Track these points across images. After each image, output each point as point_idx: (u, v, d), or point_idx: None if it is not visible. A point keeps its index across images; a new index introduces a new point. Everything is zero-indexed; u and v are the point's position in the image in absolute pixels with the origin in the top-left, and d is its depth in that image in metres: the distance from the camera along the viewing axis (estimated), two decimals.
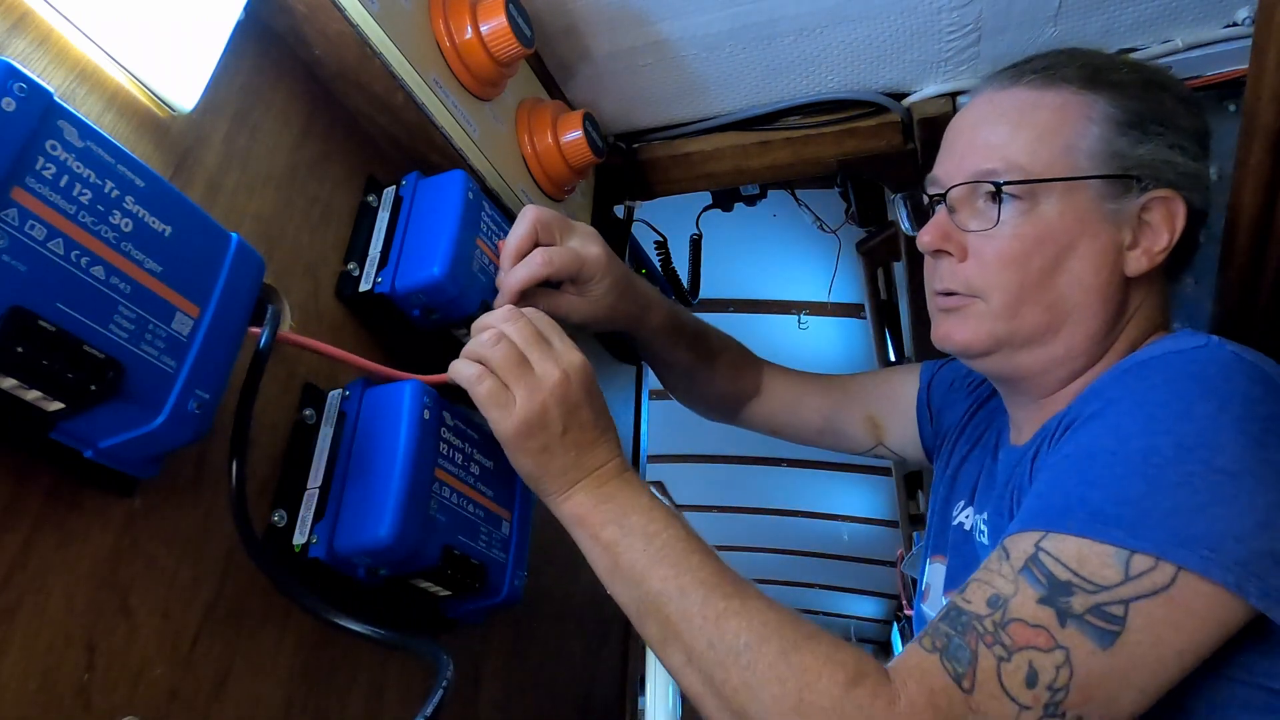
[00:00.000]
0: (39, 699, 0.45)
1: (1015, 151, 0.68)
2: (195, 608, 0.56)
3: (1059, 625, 0.51)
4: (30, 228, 0.42)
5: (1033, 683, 0.50)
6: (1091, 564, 0.52)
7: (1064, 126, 0.68)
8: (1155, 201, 0.68)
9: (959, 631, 0.53)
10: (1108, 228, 0.67)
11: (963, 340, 0.71)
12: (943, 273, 0.72)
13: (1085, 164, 0.67)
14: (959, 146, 0.73)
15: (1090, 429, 0.59)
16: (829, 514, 3.90)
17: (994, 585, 0.54)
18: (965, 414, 0.90)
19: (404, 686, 0.74)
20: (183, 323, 0.49)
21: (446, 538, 0.65)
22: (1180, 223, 0.68)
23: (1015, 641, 0.51)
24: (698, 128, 1.12)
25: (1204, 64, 0.92)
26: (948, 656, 0.52)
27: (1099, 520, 0.53)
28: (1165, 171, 0.68)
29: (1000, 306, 0.68)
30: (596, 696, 1.08)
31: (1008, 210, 0.68)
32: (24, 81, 0.42)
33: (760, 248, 1.82)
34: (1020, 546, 0.55)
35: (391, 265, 0.73)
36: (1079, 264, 0.67)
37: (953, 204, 0.71)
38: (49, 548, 0.47)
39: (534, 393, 0.64)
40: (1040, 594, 0.52)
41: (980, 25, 0.93)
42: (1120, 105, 0.68)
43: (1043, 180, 0.67)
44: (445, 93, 0.77)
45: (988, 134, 0.71)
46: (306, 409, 0.67)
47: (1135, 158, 0.67)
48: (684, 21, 0.97)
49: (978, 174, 0.69)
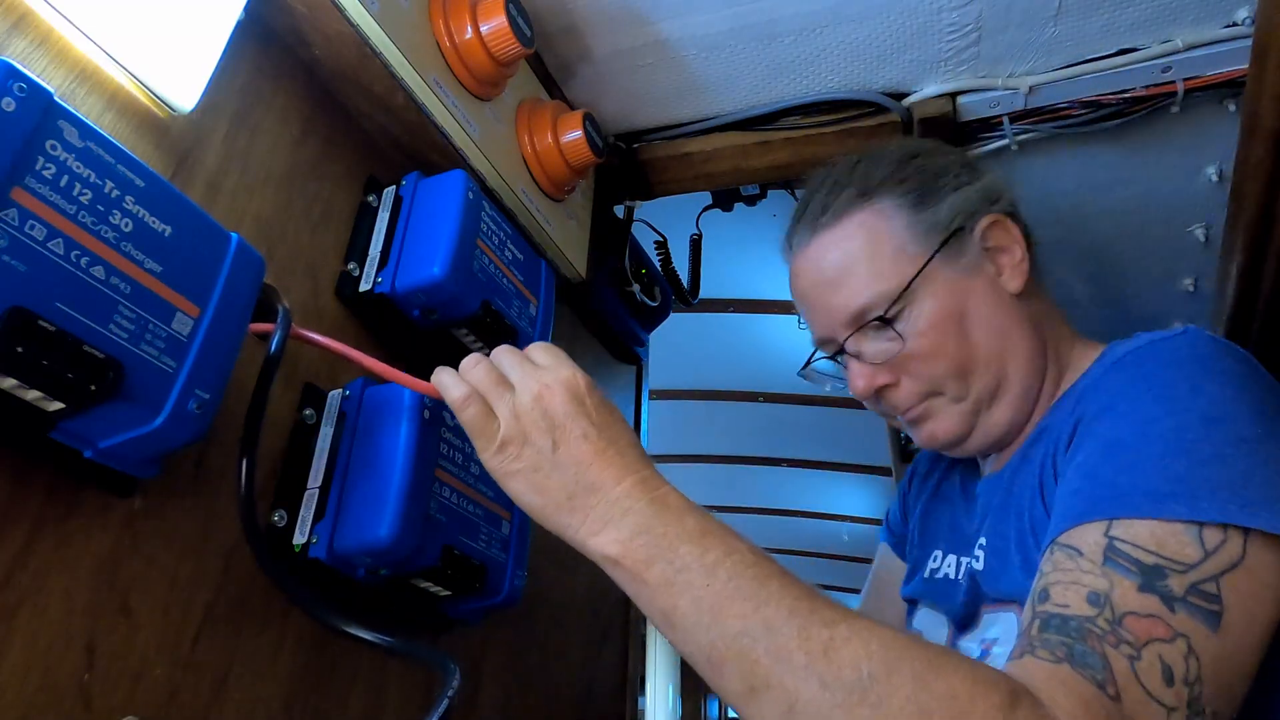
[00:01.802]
0: (39, 699, 0.45)
1: (865, 284, 0.74)
2: (195, 608, 0.56)
3: (1169, 611, 0.49)
4: (30, 228, 0.42)
5: (1170, 679, 0.47)
6: (1170, 544, 0.50)
7: (878, 239, 0.75)
8: (987, 230, 0.75)
9: (1076, 637, 0.49)
10: (973, 278, 0.74)
11: (946, 432, 0.75)
12: (894, 401, 0.76)
13: (917, 252, 0.74)
14: (820, 309, 0.78)
15: (1107, 421, 0.59)
16: (829, 514, 3.90)
17: (1083, 583, 0.51)
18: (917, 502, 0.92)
19: (404, 687, 0.74)
20: (183, 323, 0.49)
21: (446, 538, 0.65)
22: (1016, 230, 0.76)
23: (1137, 637, 0.48)
24: (698, 128, 1.12)
25: (1204, 64, 0.92)
26: (1079, 664, 0.47)
27: (1157, 499, 0.52)
28: (969, 206, 0.76)
29: (955, 390, 0.73)
30: (596, 696, 1.08)
31: (899, 326, 0.73)
32: (24, 81, 0.42)
33: (760, 248, 1.82)
34: (1088, 539, 0.53)
35: (391, 265, 0.73)
36: (979, 317, 0.73)
37: (857, 352, 0.76)
38: (49, 548, 0.47)
39: (512, 410, 0.57)
40: (1137, 582, 0.50)
41: (980, 25, 0.93)
42: (898, 193, 0.76)
43: (904, 290, 0.72)
44: (445, 93, 0.77)
45: (831, 286, 0.76)
46: (306, 409, 0.67)
47: (943, 218, 0.75)
48: (684, 21, 0.96)
49: (853, 319, 0.75)
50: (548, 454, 0.56)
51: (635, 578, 0.53)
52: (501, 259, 0.79)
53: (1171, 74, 0.93)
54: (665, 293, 1.27)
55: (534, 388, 0.58)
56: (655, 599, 0.52)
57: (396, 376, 0.62)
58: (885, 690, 0.45)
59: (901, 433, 1.89)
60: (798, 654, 0.47)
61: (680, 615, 0.51)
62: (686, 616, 0.50)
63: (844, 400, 2.53)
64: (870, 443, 2.44)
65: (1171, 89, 0.93)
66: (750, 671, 0.48)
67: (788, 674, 0.47)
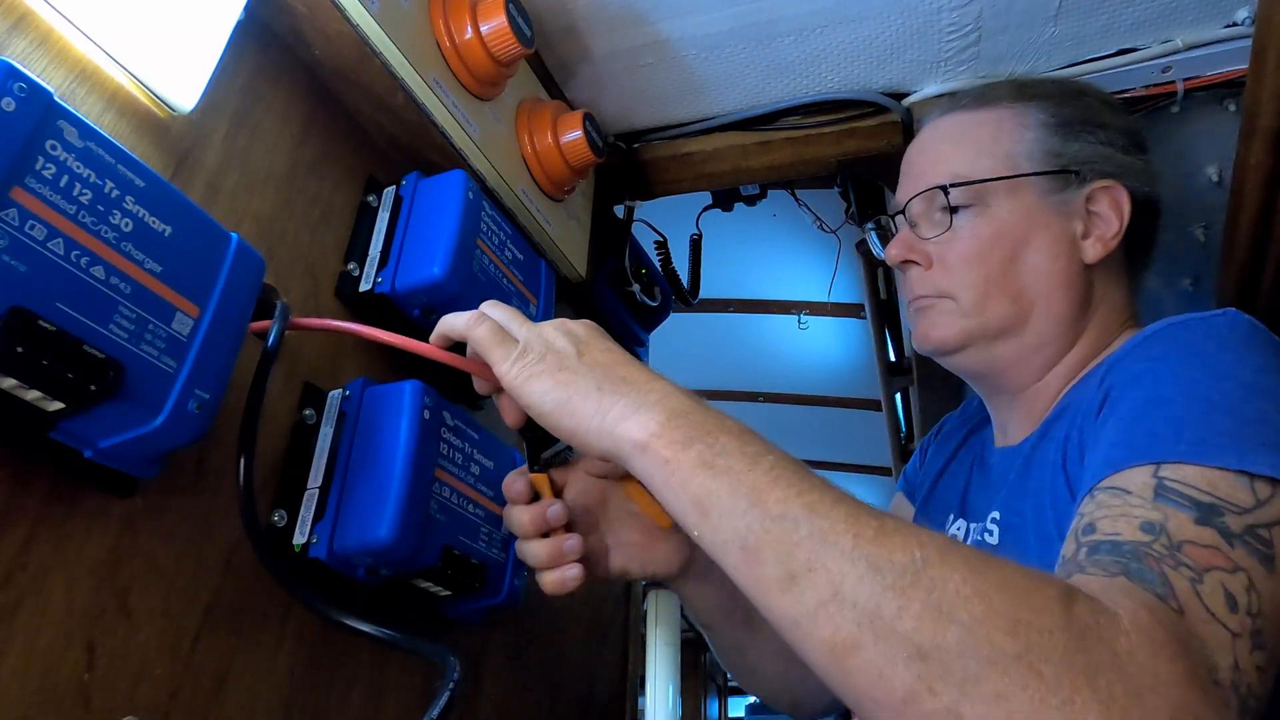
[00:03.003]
0: (39, 699, 0.45)
1: (960, 165, 0.75)
2: (195, 608, 0.56)
3: (1228, 545, 0.46)
4: (30, 228, 0.42)
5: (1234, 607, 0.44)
6: (1223, 487, 0.48)
7: (1001, 136, 0.75)
8: (1099, 192, 0.73)
9: (1131, 558, 0.45)
10: (1057, 219, 0.72)
11: (939, 337, 0.74)
12: (913, 281, 0.76)
13: (1025, 165, 0.73)
14: (912, 171, 0.79)
15: (1146, 383, 0.57)
16: None
17: (1134, 515, 0.48)
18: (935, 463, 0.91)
19: (404, 686, 0.74)
20: (183, 323, 0.49)
21: (446, 538, 0.65)
22: (1126, 208, 0.72)
23: (1197, 562, 0.45)
24: (698, 128, 1.12)
25: (1204, 64, 0.92)
26: (1136, 578, 0.44)
27: (1207, 447, 0.50)
28: (1102, 165, 0.73)
29: (969, 303, 0.72)
30: (596, 696, 1.08)
31: (961, 217, 0.73)
32: (24, 81, 0.42)
33: (760, 248, 1.82)
34: (1136, 479, 0.50)
35: (391, 265, 0.73)
36: (1036, 255, 0.72)
37: (912, 220, 0.77)
38: (49, 548, 0.47)
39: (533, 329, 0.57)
40: (1193, 515, 0.47)
41: (980, 25, 0.93)
42: (1049, 110, 0.75)
43: (986, 180, 0.72)
44: (445, 92, 0.77)
45: (934, 155, 0.78)
46: (306, 409, 0.67)
47: (1070, 154, 0.73)
48: (684, 21, 0.96)
49: (929, 186, 0.75)
50: (572, 357, 0.54)
51: (666, 462, 0.49)
52: (501, 259, 0.79)
53: (1171, 74, 0.93)
54: (665, 293, 1.27)
55: (553, 320, 0.57)
56: (689, 483, 0.48)
57: (398, 341, 0.59)
58: (940, 573, 0.42)
59: (901, 432, 1.89)
60: (844, 537, 0.43)
61: (715, 499, 0.47)
62: (722, 500, 0.47)
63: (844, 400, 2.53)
64: (870, 443, 2.44)
65: (1171, 89, 0.93)
66: (789, 555, 0.44)
67: (833, 557, 0.43)
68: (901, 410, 1.91)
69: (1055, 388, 0.72)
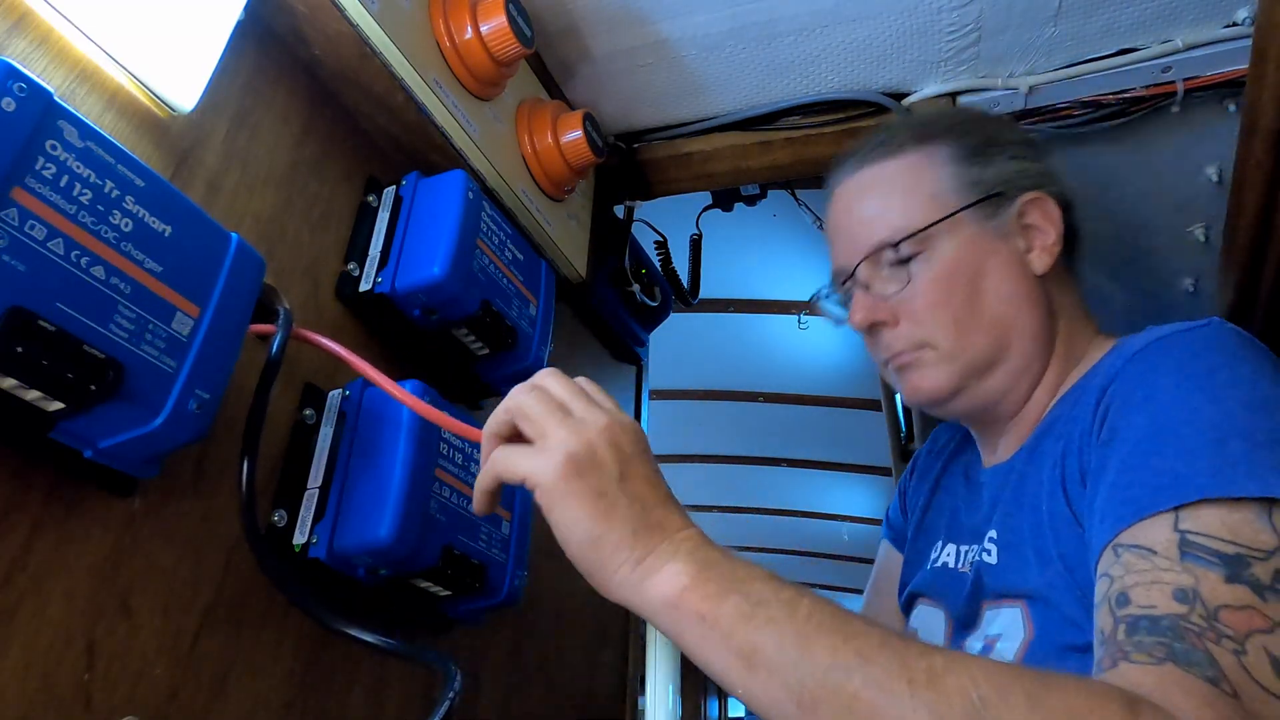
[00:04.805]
0: (39, 699, 0.46)
1: (894, 217, 0.75)
2: (195, 608, 0.56)
3: (1261, 600, 0.46)
4: (30, 228, 0.42)
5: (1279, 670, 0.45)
6: (1245, 532, 0.49)
7: (921, 180, 0.76)
8: (1027, 205, 0.75)
9: (1172, 636, 0.46)
10: (1001, 243, 0.74)
11: (930, 387, 0.74)
12: (886, 341, 0.76)
13: (954, 201, 0.74)
14: (844, 236, 0.79)
15: (1145, 412, 0.57)
16: (829, 514, 3.90)
17: (1165, 581, 0.48)
18: (920, 494, 0.91)
19: (404, 687, 0.74)
20: (183, 323, 0.49)
21: (446, 537, 0.65)
22: (1057, 214, 0.75)
23: (1237, 630, 0.45)
24: (698, 128, 1.12)
25: (1204, 64, 0.92)
26: (1184, 663, 0.44)
27: (1223, 478, 0.50)
28: (1020, 179, 0.76)
29: (948, 345, 0.73)
30: (596, 696, 1.08)
31: (913, 266, 0.74)
32: (24, 81, 0.42)
33: (760, 248, 1.82)
34: (1158, 536, 0.51)
35: (391, 265, 0.73)
36: (994, 281, 0.73)
37: (865, 282, 0.77)
38: (49, 548, 0.47)
39: (578, 432, 0.52)
40: (1223, 574, 0.47)
41: (980, 25, 0.93)
42: (953, 144, 0.77)
43: (930, 225, 0.73)
44: (445, 93, 0.77)
45: (861, 214, 0.78)
46: (306, 409, 0.67)
47: (989, 179, 0.75)
48: (684, 21, 0.96)
49: (872, 249, 0.75)
50: (614, 480, 0.52)
51: (703, 618, 0.48)
52: (501, 259, 0.79)
53: (1171, 74, 0.93)
54: (665, 293, 1.27)
55: (602, 418, 0.54)
56: (732, 637, 0.47)
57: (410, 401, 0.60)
58: (1001, 712, 0.42)
59: (901, 432, 1.89)
60: (899, 684, 0.43)
61: (763, 654, 0.46)
62: (770, 654, 0.46)
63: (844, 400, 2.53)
64: (870, 443, 2.44)
65: (1171, 89, 0.93)
66: (848, 708, 0.44)
67: (892, 706, 0.43)
68: (901, 410, 1.91)
69: (1042, 402, 0.73)
